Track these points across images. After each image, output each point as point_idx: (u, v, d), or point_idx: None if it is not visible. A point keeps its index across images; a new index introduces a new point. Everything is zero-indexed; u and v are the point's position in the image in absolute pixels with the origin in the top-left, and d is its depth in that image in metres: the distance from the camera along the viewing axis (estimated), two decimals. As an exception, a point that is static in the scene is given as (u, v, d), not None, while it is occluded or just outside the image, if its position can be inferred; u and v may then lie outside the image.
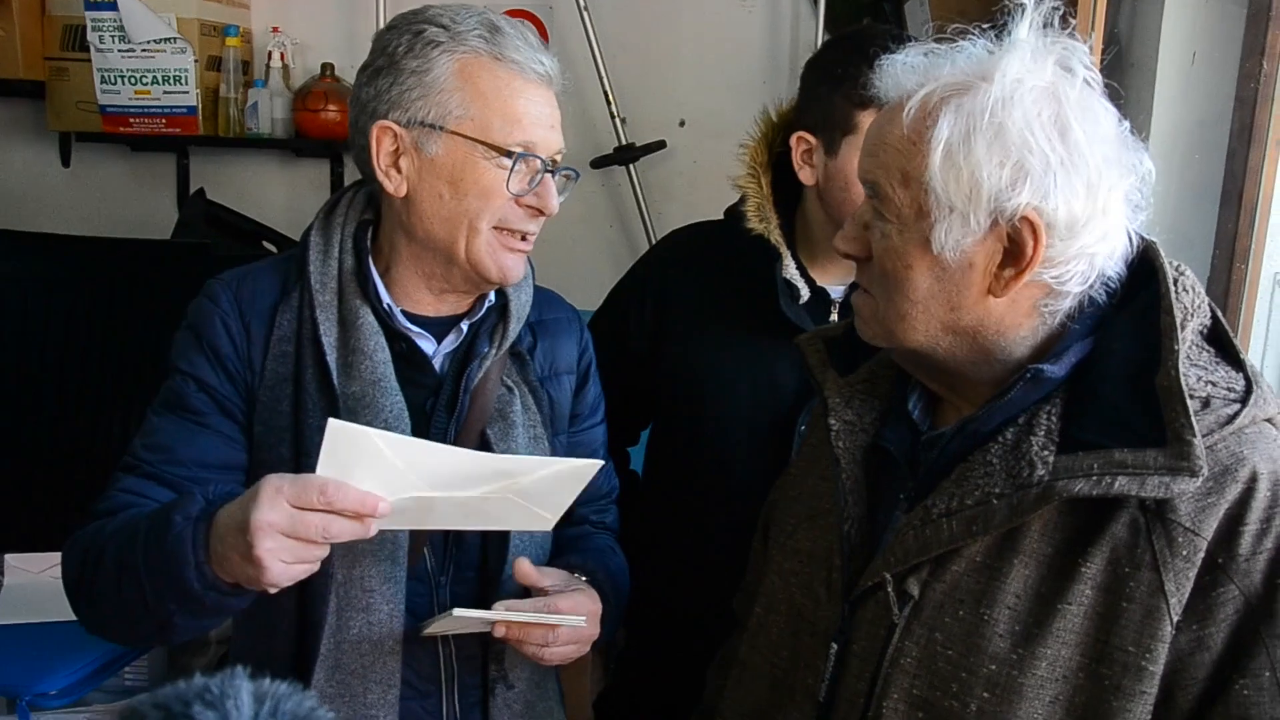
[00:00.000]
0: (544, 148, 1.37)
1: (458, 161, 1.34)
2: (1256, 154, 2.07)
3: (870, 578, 1.10)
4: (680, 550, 1.76)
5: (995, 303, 1.06)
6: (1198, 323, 1.06)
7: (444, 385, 1.44)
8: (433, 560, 1.43)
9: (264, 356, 1.38)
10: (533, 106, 1.36)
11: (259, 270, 1.45)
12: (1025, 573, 1.03)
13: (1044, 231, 1.01)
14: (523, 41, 1.36)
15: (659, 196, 3.31)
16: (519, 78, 1.35)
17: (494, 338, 1.45)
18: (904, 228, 1.07)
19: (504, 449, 1.43)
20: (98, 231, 3.30)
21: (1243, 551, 0.97)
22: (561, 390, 1.55)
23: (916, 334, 1.09)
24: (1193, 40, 2.13)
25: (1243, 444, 1.01)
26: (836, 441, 1.20)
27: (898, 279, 1.08)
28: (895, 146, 1.06)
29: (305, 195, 3.56)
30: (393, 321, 1.40)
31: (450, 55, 1.34)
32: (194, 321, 1.40)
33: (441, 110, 1.34)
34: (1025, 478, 1.01)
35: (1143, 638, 0.97)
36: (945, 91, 1.04)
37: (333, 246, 1.42)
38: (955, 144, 1.01)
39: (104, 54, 3.30)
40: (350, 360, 1.36)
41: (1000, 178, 1.01)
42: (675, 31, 3.30)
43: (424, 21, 1.36)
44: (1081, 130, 1.01)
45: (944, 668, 1.04)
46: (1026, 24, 1.06)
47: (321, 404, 1.36)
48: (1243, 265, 2.09)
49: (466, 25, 1.35)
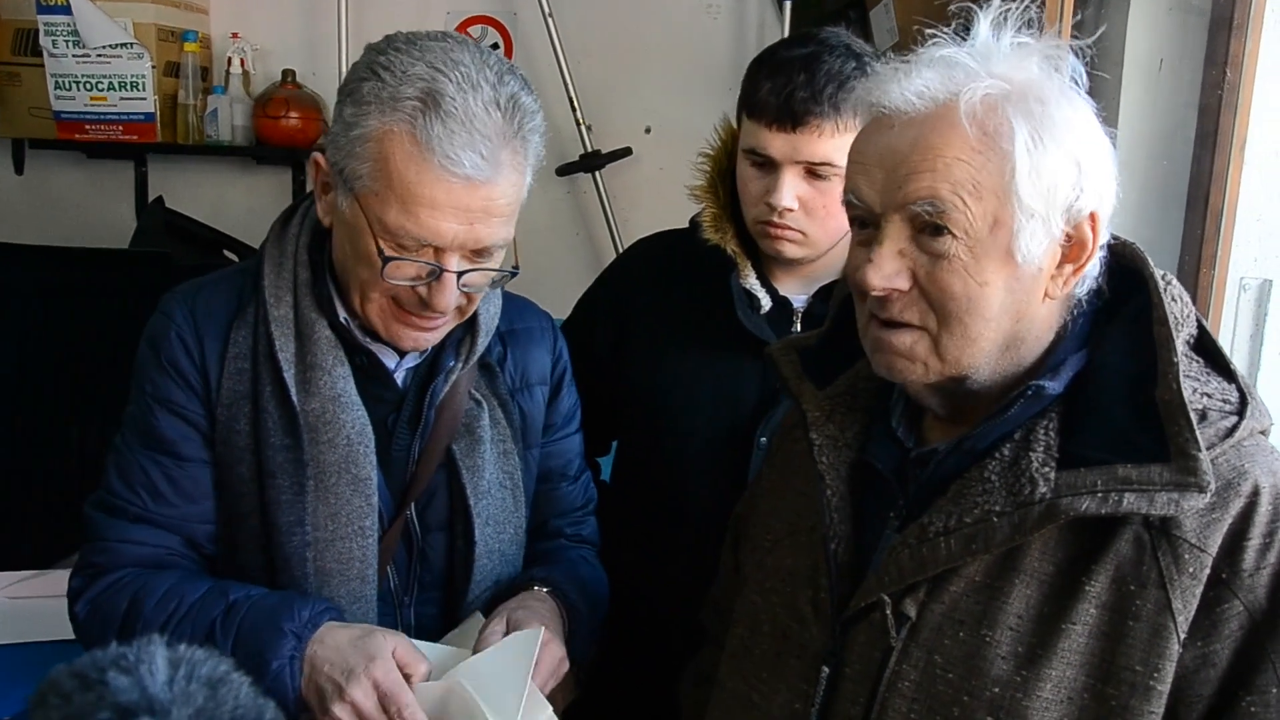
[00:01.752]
0: (456, 245, 1.25)
1: (355, 227, 1.26)
2: (1221, 160, 2.09)
3: (864, 598, 1.08)
4: (642, 559, 1.74)
5: (1049, 304, 1.05)
6: (1186, 333, 1.06)
7: (407, 400, 1.40)
8: (396, 579, 1.41)
9: (220, 374, 1.34)
10: (442, 204, 1.22)
11: (214, 283, 1.40)
12: (1027, 592, 1.01)
13: (1100, 224, 1.01)
14: (461, 127, 1.21)
15: (625, 204, 3.30)
16: (431, 172, 1.21)
17: (460, 350, 1.41)
18: (975, 244, 1.00)
19: (470, 465, 1.40)
20: (52, 240, 3.24)
21: (1246, 566, 0.96)
22: (534, 402, 1.52)
23: (983, 355, 1.04)
24: (1158, 48, 2.15)
25: (1243, 457, 1.00)
26: (820, 457, 1.16)
27: (970, 299, 1.01)
28: (959, 158, 0.99)
29: (266, 203, 3.51)
30: (351, 335, 1.36)
31: (378, 119, 1.22)
32: (152, 337, 1.36)
33: (354, 172, 1.25)
34: (1027, 495, 0.99)
35: (1150, 657, 0.96)
36: (993, 92, 0.99)
37: (287, 258, 1.36)
38: (1033, 148, 0.98)
39: (57, 59, 3.25)
40: (308, 376, 1.33)
41: (1070, 176, 0.99)
42: (640, 38, 3.30)
43: (376, 68, 1.24)
44: (1096, 125, 1.02)
45: (944, 691, 1.02)
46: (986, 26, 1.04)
47: (281, 422, 1.33)
48: (1209, 270, 2.11)
49: (406, 89, 1.22)
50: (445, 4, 3.38)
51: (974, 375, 1.06)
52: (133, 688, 0.75)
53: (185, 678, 0.77)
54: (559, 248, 3.40)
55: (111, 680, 0.75)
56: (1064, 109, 1.00)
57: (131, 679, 0.75)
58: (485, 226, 1.25)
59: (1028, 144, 0.97)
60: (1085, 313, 1.07)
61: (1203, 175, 2.12)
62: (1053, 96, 1.00)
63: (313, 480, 1.32)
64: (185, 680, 0.76)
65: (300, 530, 1.32)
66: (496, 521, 1.43)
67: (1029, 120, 0.98)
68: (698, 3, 3.25)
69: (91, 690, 0.75)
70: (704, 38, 3.26)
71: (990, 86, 0.99)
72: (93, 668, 0.76)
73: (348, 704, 1.21)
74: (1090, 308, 1.07)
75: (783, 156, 1.55)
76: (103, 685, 0.75)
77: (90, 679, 0.75)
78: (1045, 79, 1.01)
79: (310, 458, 1.31)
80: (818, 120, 1.52)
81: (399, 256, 1.24)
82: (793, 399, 1.24)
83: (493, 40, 3.36)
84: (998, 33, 1.03)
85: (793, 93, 1.52)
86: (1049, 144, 0.98)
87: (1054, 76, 1.02)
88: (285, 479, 1.33)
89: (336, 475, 1.32)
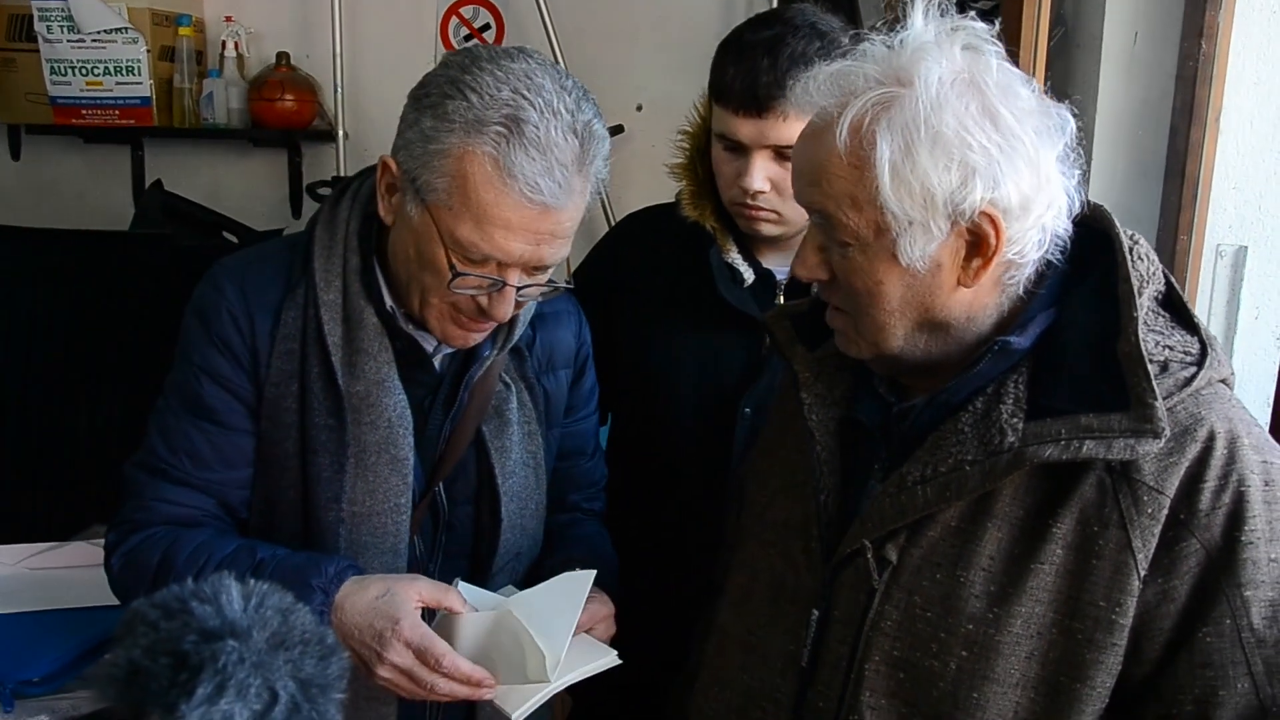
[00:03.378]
0: (520, 261, 1.30)
1: (424, 235, 1.30)
2: (1198, 130, 2.13)
3: (849, 544, 1.14)
4: (637, 520, 1.80)
5: (965, 291, 1.09)
6: (1153, 289, 1.11)
7: (443, 383, 1.45)
8: (421, 547, 1.46)
9: (270, 353, 1.38)
10: (515, 226, 1.27)
11: (263, 259, 1.44)
12: (998, 535, 1.07)
13: (1002, 219, 1.04)
14: (540, 152, 1.24)
15: (617, 180, 3.26)
16: (510, 196, 1.25)
17: (497, 339, 1.46)
18: (865, 247, 1.08)
19: (499, 446, 1.46)
20: (51, 225, 3.26)
21: (1203, 507, 1.02)
22: (558, 384, 1.57)
23: (897, 340, 1.12)
24: (1135, 21, 2.19)
25: (1200, 405, 1.06)
26: (810, 415, 1.23)
27: (870, 294, 1.10)
28: (837, 174, 1.07)
29: (263, 185, 3.54)
30: (395, 321, 1.40)
31: (461, 139, 1.25)
32: (201, 310, 1.39)
33: (429, 185, 1.28)
34: (996, 444, 1.05)
35: (1113, 592, 1.02)
36: (871, 108, 1.04)
37: (337, 243, 1.40)
38: (899, 161, 1.03)
39: (53, 44, 3.28)
40: (354, 360, 1.37)
41: (950, 181, 1.03)
42: (631, 16, 3.32)
43: (461, 86, 1.26)
44: (1009, 112, 1.04)
45: (923, 629, 1.09)
46: (920, 14, 1.08)
47: (326, 402, 1.38)
48: (1186, 237, 2.15)
49: (491, 113, 1.24)
50: (439, -14, 3.41)
51: (905, 355, 1.13)
52: (214, 615, 0.81)
53: (257, 607, 0.83)
54: (552, 225, 3.44)
55: (195, 609, 0.81)
56: (956, 107, 1.02)
57: (212, 607, 0.81)
58: (550, 247, 1.30)
59: (893, 158, 1.03)
60: (1056, 272, 1.12)
61: (1180, 145, 2.15)
62: (946, 100, 1.03)
63: (353, 459, 1.37)
64: (257, 609, 0.83)
65: (337, 505, 1.38)
66: (520, 498, 1.49)
67: (901, 133, 1.02)
68: (689, -19, 3.28)
69: (175, 619, 0.81)
70: (694, 15, 3.27)
71: (873, 98, 1.04)
72: (174, 599, 0.83)
73: (389, 665, 1.27)
74: (1061, 268, 1.12)
75: (751, 141, 1.57)
76: (186, 613, 0.81)
77: (173, 609, 0.82)
78: (947, 79, 1.03)
79: (352, 437, 1.37)
80: (782, 105, 1.52)
81: (467, 272, 1.29)
82: (785, 361, 1.30)
83: (485, 21, 3.39)
84: (929, 22, 1.08)
85: (757, 79, 1.53)
86: (921, 154, 1.02)
87: (965, 72, 1.04)
88: (327, 456, 1.38)
89: (376, 455, 1.37)
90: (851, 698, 1.12)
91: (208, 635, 0.80)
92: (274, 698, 0.79)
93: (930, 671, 1.08)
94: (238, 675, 0.77)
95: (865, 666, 1.11)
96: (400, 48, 3.39)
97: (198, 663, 0.77)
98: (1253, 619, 1.00)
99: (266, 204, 3.47)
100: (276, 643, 0.82)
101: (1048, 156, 1.06)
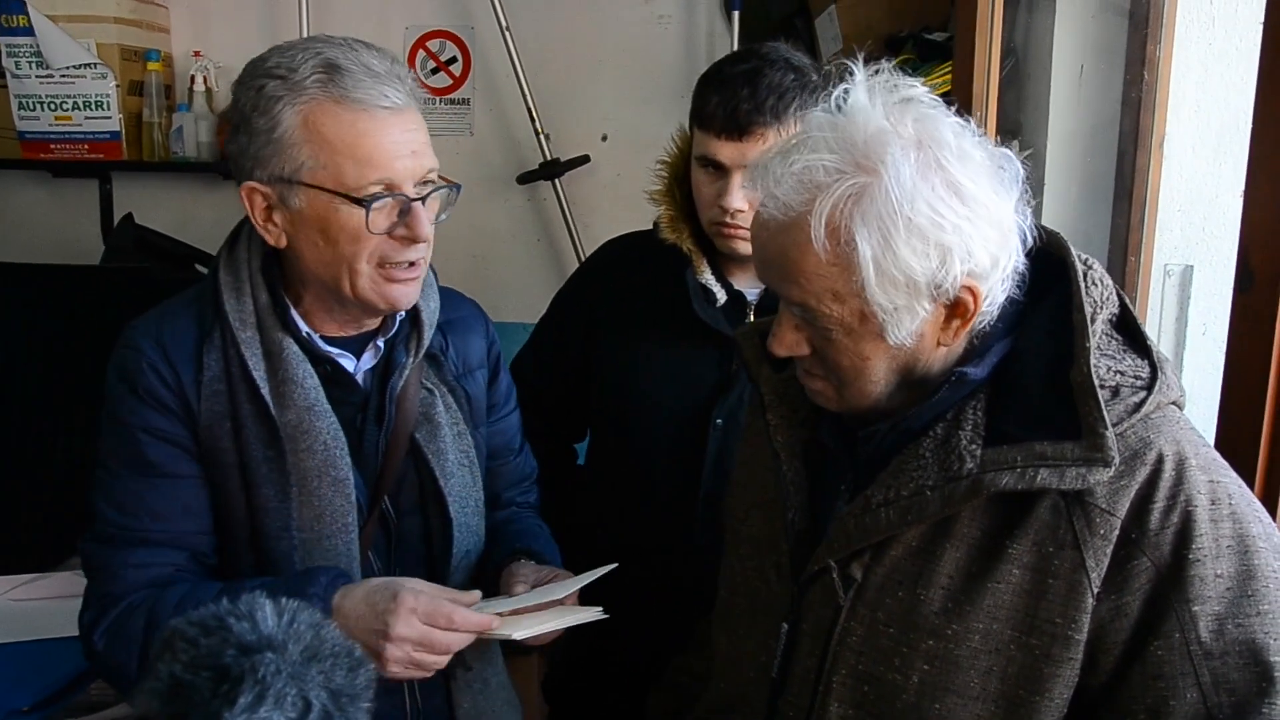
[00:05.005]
0: (408, 176, 1.34)
1: (320, 212, 1.33)
2: (1143, 155, 2.22)
3: (816, 563, 1.19)
4: (614, 534, 1.88)
5: (943, 348, 1.14)
6: (1107, 313, 1.14)
7: (370, 399, 1.49)
8: (378, 564, 1.50)
9: (198, 398, 1.40)
10: (385, 141, 1.32)
11: (174, 313, 1.45)
12: (957, 555, 1.11)
13: (980, 285, 1.08)
14: (365, 74, 1.32)
15: (584, 210, 3.39)
16: (364, 115, 1.31)
17: (409, 346, 1.50)
18: (850, 331, 1.11)
19: (434, 449, 1.50)
20: (18, 259, 3.25)
21: (1152, 526, 1.05)
22: (476, 385, 1.62)
23: (880, 400, 1.16)
24: (1082, 52, 2.28)
25: (1149, 429, 1.09)
26: (775, 436, 1.28)
27: (856, 370, 1.13)
28: (817, 273, 1.08)
29: (233, 217, 3.41)
30: (314, 347, 1.43)
31: (292, 107, 1.31)
32: (123, 371, 1.40)
33: (294, 164, 1.32)
34: (955, 470, 1.10)
35: (1068, 609, 1.06)
36: (844, 203, 1.05)
37: (244, 283, 1.42)
38: (880, 256, 1.05)
39: (21, 80, 3.29)
40: (283, 390, 1.40)
41: (930, 265, 1.05)
42: (595, 49, 3.38)
43: (263, 75, 1.33)
44: (968, 179, 1.06)
45: (886, 644, 1.13)
46: (863, 89, 1.09)
47: (262, 435, 1.40)
48: (1135, 258, 2.24)
49: (303, 71, 1.31)
50: (403, 19, 3.45)
51: (882, 404, 1.17)
52: (251, 630, 0.85)
53: (289, 622, 0.88)
54: (521, 254, 3.48)
55: (233, 625, 0.85)
56: (925, 191, 1.04)
57: (248, 623, 0.86)
58: (422, 152, 1.36)
59: (875, 255, 1.05)
60: (1011, 301, 1.14)
61: (1127, 169, 2.24)
62: (916, 189, 1.04)
63: (296, 486, 1.40)
64: (290, 624, 0.88)
65: (287, 534, 1.40)
66: (461, 498, 1.53)
67: (878, 227, 1.04)
68: (650, 14, 3.34)
69: (214, 635, 0.85)
70: (656, 47, 3.34)
71: (843, 192, 1.05)
72: (211, 617, 0.87)
73: (396, 640, 1.30)
74: (1017, 296, 1.15)
75: (732, 163, 1.69)
76: (225, 630, 0.85)
77: (211, 626, 0.86)
78: (911, 168, 1.04)
79: (292, 465, 1.39)
80: (761, 129, 1.67)
81: (373, 195, 1.32)
82: (752, 382, 1.34)
83: (451, 54, 3.44)
84: (874, 96, 1.09)
85: (738, 106, 1.67)
86: (899, 246, 1.04)
87: (923, 149, 1.06)
88: (270, 488, 1.41)
89: (318, 479, 1.40)
90: (820, 708, 1.17)
91: (246, 649, 0.84)
92: (308, 706, 0.83)
93: (894, 685, 1.12)
94: (276, 685, 0.82)
95: (833, 679, 1.16)
96: (368, 81, 3.42)
97: (238, 674, 0.82)
98: (1200, 633, 1.03)
99: (236, 236, 3.48)
100: (310, 655, 0.86)
101: (1007, 209, 1.09)
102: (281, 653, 0.84)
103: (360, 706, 0.88)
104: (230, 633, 0.85)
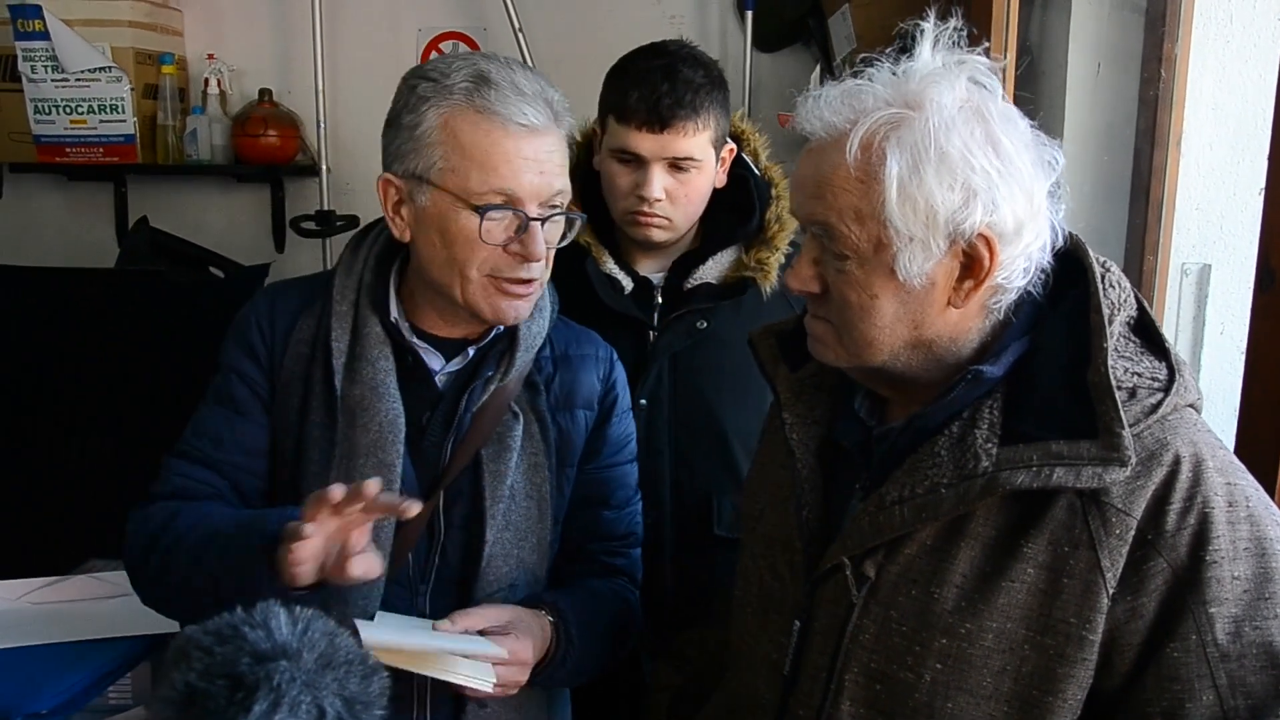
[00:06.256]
0: (532, 194, 1.38)
1: (442, 212, 1.39)
2: (1160, 154, 2.21)
3: (829, 560, 1.18)
4: None
5: (953, 312, 1.14)
6: (1125, 315, 1.14)
7: (442, 401, 1.50)
8: (414, 567, 1.49)
9: (284, 354, 1.50)
10: (513, 155, 1.37)
11: (299, 283, 1.60)
12: (971, 554, 1.11)
13: (997, 242, 1.09)
14: (512, 91, 1.37)
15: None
16: (500, 128, 1.37)
17: (500, 363, 1.50)
18: (864, 261, 1.12)
19: (493, 470, 1.48)
20: (33, 262, 3.27)
21: (1169, 528, 1.04)
22: (575, 423, 1.58)
23: (881, 354, 1.16)
24: (1098, 50, 2.27)
25: (1166, 430, 1.09)
26: (791, 434, 1.28)
27: (863, 308, 1.14)
28: (843, 187, 1.10)
29: (246, 220, 3.57)
30: (400, 334, 1.48)
31: (437, 109, 1.38)
32: (237, 322, 1.54)
33: (427, 163, 1.39)
34: (970, 469, 1.09)
35: (1083, 610, 1.05)
36: (882, 126, 1.08)
37: (357, 263, 1.52)
38: (906, 177, 1.07)
39: (36, 84, 3.30)
40: (354, 365, 1.46)
41: (953, 201, 1.07)
42: (608, 49, 3.34)
43: (420, 77, 1.42)
44: (1009, 141, 1.09)
45: (899, 643, 1.13)
46: (929, 45, 1.13)
47: (324, 403, 1.46)
48: (1152, 257, 2.23)
49: (455, 78, 1.38)
50: (417, 21, 3.46)
51: (887, 366, 1.17)
52: (265, 639, 0.86)
53: (303, 631, 0.88)
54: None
55: (247, 634, 0.87)
56: (963, 132, 1.07)
57: (263, 632, 0.87)
58: (553, 175, 1.41)
59: (901, 175, 1.07)
60: (1030, 302, 1.15)
61: (1144, 168, 2.23)
62: (954, 123, 1.07)
63: (342, 459, 1.43)
64: (304, 633, 0.88)
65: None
66: (516, 528, 1.50)
67: (910, 151, 1.07)
68: (662, 14, 3.34)
69: (229, 643, 0.86)
70: (668, 46, 3.35)
71: (884, 117, 1.08)
72: (225, 626, 0.88)
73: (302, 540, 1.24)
74: (1037, 296, 1.16)
75: (651, 154, 1.78)
76: (239, 638, 0.86)
77: (225, 634, 0.87)
78: (954, 105, 1.08)
79: (342, 438, 1.44)
80: (682, 122, 1.76)
81: (489, 204, 1.36)
82: (768, 381, 1.34)
83: (464, 55, 3.45)
84: (936, 53, 1.13)
85: (659, 99, 1.76)
86: (927, 173, 1.06)
87: (971, 101, 1.09)
88: (317, 454, 1.46)
89: (365, 457, 1.42)
90: (831, 707, 1.16)
91: (261, 657, 0.85)
92: (322, 714, 0.84)
93: (906, 683, 1.12)
94: (290, 693, 0.82)
95: (845, 677, 1.15)
96: (380, 83, 3.37)
97: (253, 682, 0.83)
98: (1217, 635, 1.03)
99: (250, 238, 3.50)
100: (324, 663, 0.87)
101: (1041, 187, 1.10)
102: (296, 661, 0.85)
103: (374, 714, 0.88)
104: (245, 641, 0.86)
